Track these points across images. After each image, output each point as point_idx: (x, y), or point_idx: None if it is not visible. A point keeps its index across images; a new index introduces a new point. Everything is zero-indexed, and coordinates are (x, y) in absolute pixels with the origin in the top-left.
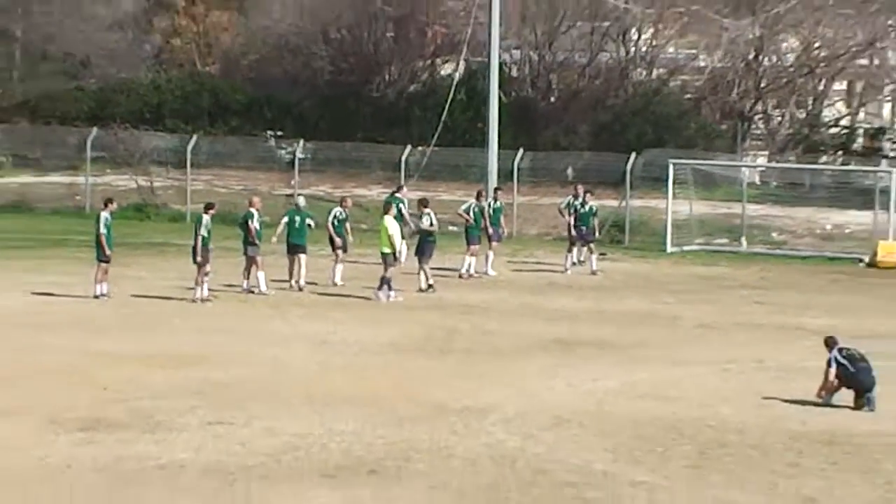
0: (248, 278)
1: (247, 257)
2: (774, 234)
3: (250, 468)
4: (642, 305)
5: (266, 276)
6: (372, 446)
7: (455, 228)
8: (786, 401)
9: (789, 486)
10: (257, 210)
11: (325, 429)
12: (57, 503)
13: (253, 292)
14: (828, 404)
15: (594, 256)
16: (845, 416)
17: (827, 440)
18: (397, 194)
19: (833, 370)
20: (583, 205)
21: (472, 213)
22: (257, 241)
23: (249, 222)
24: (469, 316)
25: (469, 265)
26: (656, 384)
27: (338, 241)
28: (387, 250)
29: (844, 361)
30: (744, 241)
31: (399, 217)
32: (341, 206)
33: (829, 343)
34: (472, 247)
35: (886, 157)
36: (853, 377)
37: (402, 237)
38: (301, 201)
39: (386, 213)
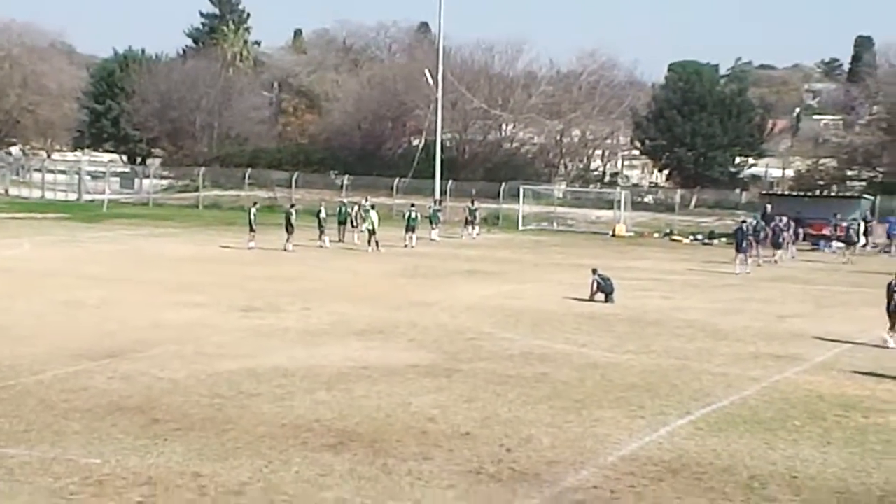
0: (320, 238)
1: (319, 229)
2: (570, 221)
3: (321, 330)
4: (507, 255)
5: (329, 238)
6: (378, 320)
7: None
8: (574, 299)
9: (572, 337)
10: (324, 207)
11: (354, 312)
12: (228, 344)
13: (321, 246)
14: (592, 300)
15: (478, 230)
16: (601, 306)
17: (590, 316)
18: (366, 203)
19: (594, 284)
20: (472, 205)
21: (431, 210)
22: (324, 222)
23: (320, 214)
24: (425, 259)
25: (431, 235)
26: (514, 292)
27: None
28: (370, 227)
29: (599, 280)
30: (555, 224)
31: (367, 212)
32: (357, 205)
33: (593, 270)
34: (436, 226)
35: (619, 185)
36: (603, 287)
37: (379, 221)
38: (344, 201)
39: (372, 209)
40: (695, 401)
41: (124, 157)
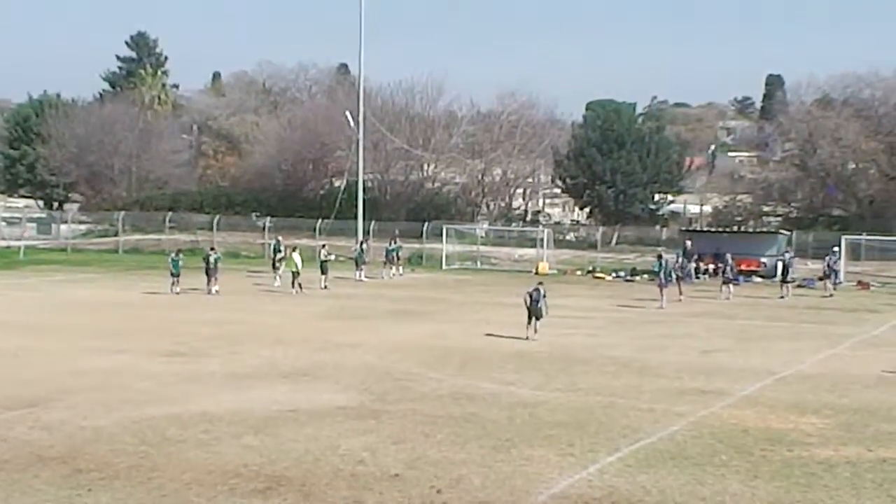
0: (208, 284)
1: (206, 276)
2: (493, 260)
3: (246, 374)
4: (432, 294)
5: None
6: (304, 362)
7: (343, 258)
8: (499, 336)
9: (500, 376)
10: (213, 252)
11: (280, 354)
12: (152, 390)
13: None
14: (518, 338)
15: (401, 270)
16: (537, 343)
17: (517, 355)
18: (282, 243)
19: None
20: (393, 244)
21: (356, 251)
22: (212, 267)
23: (208, 258)
24: (350, 300)
25: (357, 276)
26: (440, 331)
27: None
28: (294, 270)
29: (529, 296)
30: (478, 263)
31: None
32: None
33: (539, 283)
34: (362, 267)
35: (541, 223)
36: (532, 309)
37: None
38: (274, 242)
39: (294, 250)
40: (623, 437)
41: (41, 203)
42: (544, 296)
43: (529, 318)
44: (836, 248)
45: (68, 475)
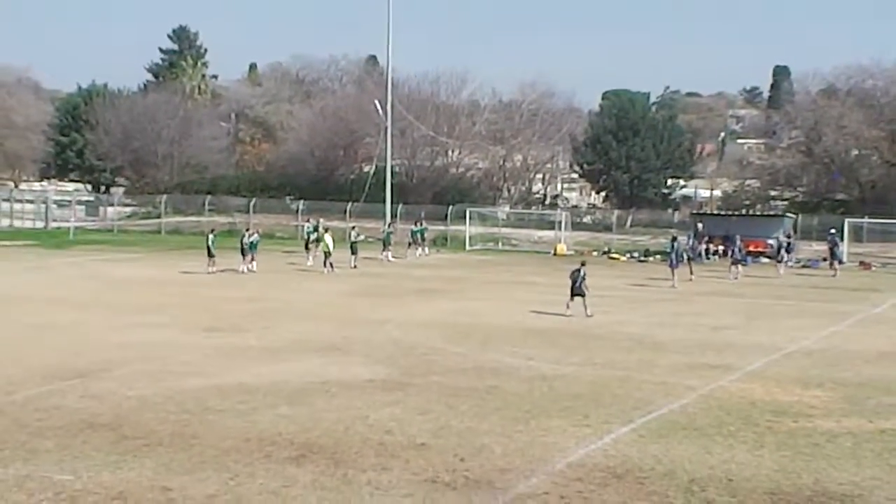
0: (244, 263)
1: (242, 255)
2: (514, 241)
3: (281, 347)
4: (457, 273)
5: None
6: (335, 338)
7: (371, 239)
8: (520, 312)
9: (520, 351)
10: (247, 234)
11: (312, 330)
12: (192, 362)
13: (243, 271)
14: (543, 313)
15: (426, 250)
16: (556, 319)
17: (537, 331)
18: (322, 224)
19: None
20: (418, 226)
21: (385, 233)
22: (247, 249)
23: (243, 239)
24: (379, 279)
25: (385, 256)
26: (464, 308)
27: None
28: (326, 250)
29: (573, 278)
30: (500, 244)
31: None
32: (315, 229)
33: (582, 263)
34: (388, 248)
35: (559, 206)
36: (574, 288)
37: (334, 244)
38: (310, 224)
39: (326, 231)
40: (636, 409)
41: (89, 187)
42: (583, 276)
43: (572, 295)
44: (833, 230)
45: (116, 441)
